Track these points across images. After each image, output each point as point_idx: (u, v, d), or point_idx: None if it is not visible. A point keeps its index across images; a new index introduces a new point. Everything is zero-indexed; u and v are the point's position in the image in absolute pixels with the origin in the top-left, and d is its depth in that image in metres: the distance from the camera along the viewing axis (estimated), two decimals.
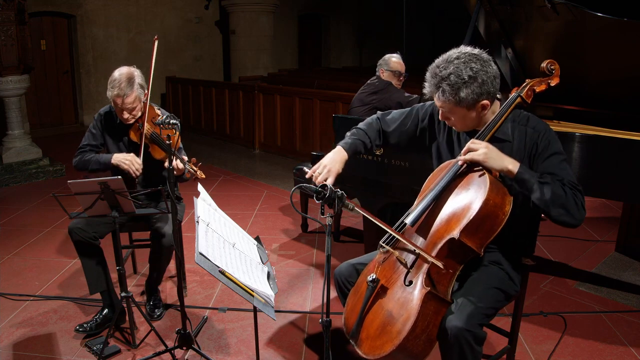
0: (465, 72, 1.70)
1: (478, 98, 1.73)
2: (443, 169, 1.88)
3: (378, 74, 4.17)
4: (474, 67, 1.70)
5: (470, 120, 1.81)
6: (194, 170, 2.59)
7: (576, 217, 1.68)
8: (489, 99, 1.75)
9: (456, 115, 1.80)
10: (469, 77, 1.70)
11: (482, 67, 1.71)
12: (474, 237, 1.68)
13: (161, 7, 9.93)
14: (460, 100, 1.72)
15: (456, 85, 1.70)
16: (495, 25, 3.05)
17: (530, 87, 1.86)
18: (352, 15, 13.22)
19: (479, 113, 1.78)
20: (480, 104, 1.75)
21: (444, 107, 1.79)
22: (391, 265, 1.80)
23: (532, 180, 1.68)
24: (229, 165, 6.56)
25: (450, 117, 1.82)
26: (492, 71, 1.73)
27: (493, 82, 1.73)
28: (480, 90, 1.71)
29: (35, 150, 6.14)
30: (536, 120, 1.84)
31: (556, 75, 1.89)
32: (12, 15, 5.54)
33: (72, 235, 2.60)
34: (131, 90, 2.62)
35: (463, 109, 1.76)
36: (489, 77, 1.72)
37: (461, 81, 1.70)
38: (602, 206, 4.70)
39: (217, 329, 2.76)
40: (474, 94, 1.71)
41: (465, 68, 1.70)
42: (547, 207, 1.67)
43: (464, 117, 1.79)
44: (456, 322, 1.62)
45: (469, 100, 1.72)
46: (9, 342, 2.66)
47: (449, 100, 1.74)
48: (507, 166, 1.70)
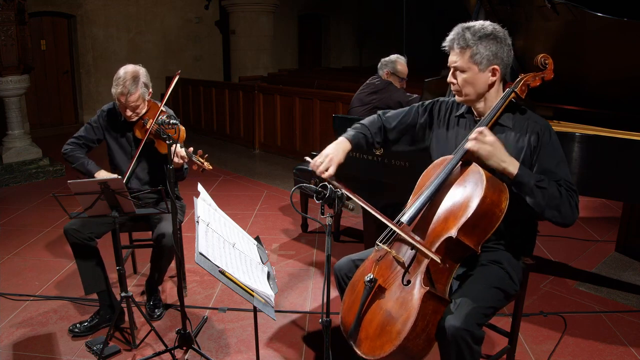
0: (488, 29, 1.78)
1: (493, 59, 1.77)
2: (438, 166, 1.87)
3: (380, 74, 4.16)
4: (497, 29, 1.80)
5: (477, 84, 1.81)
6: (201, 161, 2.57)
7: (569, 219, 1.73)
8: (500, 67, 1.79)
9: (466, 74, 1.81)
10: (490, 32, 1.78)
11: (504, 34, 1.80)
12: (472, 235, 1.68)
13: (161, 7, 9.93)
14: (476, 52, 1.77)
15: (478, 34, 1.77)
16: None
17: (524, 82, 1.86)
18: (352, 15, 13.22)
19: (487, 79, 1.80)
20: (492, 67, 1.79)
21: (459, 59, 1.81)
22: (388, 265, 1.80)
23: (530, 183, 1.70)
24: (229, 165, 6.56)
25: (459, 76, 1.82)
26: (509, 42, 1.81)
27: (509, 53, 1.80)
28: (497, 50, 1.77)
29: (35, 150, 6.14)
30: (536, 115, 1.86)
31: (550, 70, 1.88)
32: (12, 15, 5.54)
33: (68, 237, 2.60)
34: (135, 88, 2.62)
35: (475, 66, 1.79)
36: (507, 45, 1.80)
37: (483, 32, 1.77)
38: (602, 206, 4.70)
39: (217, 329, 2.76)
40: (490, 50, 1.77)
41: (489, 27, 1.79)
42: (541, 210, 1.71)
43: (472, 78, 1.80)
44: (454, 322, 1.62)
45: (484, 57, 1.77)
46: (9, 342, 2.66)
47: (468, 48, 1.78)
48: (507, 167, 1.71)
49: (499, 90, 1.86)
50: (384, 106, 4.09)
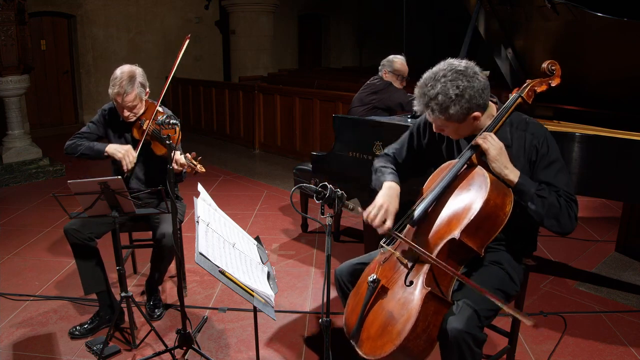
0: (452, 91, 1.72)
1: (467, 112, 1.76)
2: (444, 170, 1.88)
3: (380, 74, 4.16)
4: (460, 84, 1.72)
5: (464, 130, 1.84)
6: (194, 164, 2.57)
7: (567, 229, 1.76)
8: (479, 111, 1.78)
9: (449, 128, 1.84)
10: (456, 96, 1.72)
11: (469, 83, 1.72)
12: (475, 237, 1.68)
13: (161, 7, 9.93)
14: (450, 117, 1.76)
15: (444, 104, 1.73)
16: (495, 25, 3.05)
17: (530, 88, 1.87)
18: (352, 15, 13.22)
19: (472, 123, 1.81)
20: (472, 117, 1.78)
21: (436, 122, 1.83)
22: (392, 266, 1.80)
23: (530, 192, 1.73)
24: (229, 165, 6.56)
25: (444, 129, 1.86)
26: (479, 85, 1.74)
27: (482, 95, 1.75)
28: (468, 105, 1.74)
29: (35, 150, 6.14)
30: (535, 126, 1.85)
31: (557, 76, 1.90)
32: (12, 15, 5.54)
33: (68, 237, 2.60)
34: (132, 88, 2.62)
35: (454, 123, 1.79)
36: (477, 91, 1.74)
37: (449, 100, 1.72)
38: (602, 206, 4.70)
39: (217, 329, 2.76)
40: (462, 109, 1.74)
41: (452, 87, 1.72)
42: (540, 219, 1.74)
43: (457, 129, 1.83)
44: (456, 324, 1.62)
45: (458, 116, 1.76)
46: (9, 342, 2.66)
47: (439, 118, 1.78)
48: (508, 175, 1.74)
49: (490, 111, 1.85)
50: (383, 106, 4.09)
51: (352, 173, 3.05)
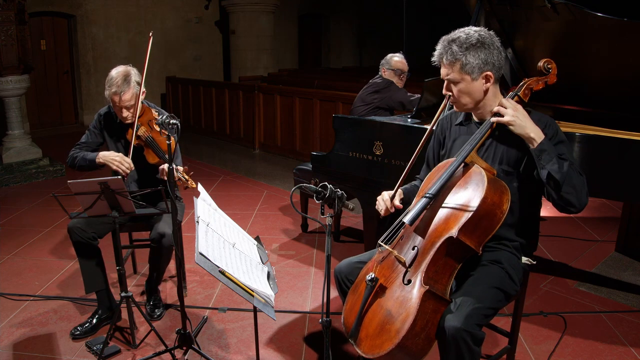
0: (474, 37, 1.77)
1: (483, 66, 1.77)
2: (441, 168, 1.88)
3: (380, 73, 4.17)
4: (483, 35, 1.78)
5: (472, 93, 1.82)
6: (185, 178, 2.56)
7: (581, 201, 1.74)
8: (492, 72, 1.79)
9: (460, 85, 1.81)
10: (477, 41, 1.76)
11: (491, 38, 1.79)
12: (472, 235, 1.69)
13: (161, 7, 9.93)
14: (466, 63, 1.76)
15: (465, 45, 1.76)
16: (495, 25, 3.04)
17: (527, 86, 1.87)
18: (352, 15, 13.22)
19: (482, 87, 1.80)
20: (484, 74, 1.78)
21: (450, 72, 1.81)
22: (390, 264, 1.80)
23: (552, 153, 1.72)
24: (229, 165, 6.56)
25: (454, 87, 1.83)
26: (498, 45, 1.80)
27: (499, 56, 1.79)
28: (486, 57, 1.76)
29: (35, 150, 6.14)
30: (539, 113, 1.86)
31: (553, 74, 1.90)
32: (12, 15, 5.54)
33: (72, 235, 2.60)
34: (128, 87, 2.62)
35: (468, 76, 1.78)
36: (496, 48, 1.79)
37: (469, 42, 1.76)
38: (602, 206, 4.70)
39: (217, 329, 2.76)
40: (479, 59, 1.76)
41: (475, 34, 1.78)
42: (562, 180, 1.70)
43: (467, 88, 1.81)
44: (454, 322, 1.62)
45: (474, 66, 1.76)
46: (9, 342, 2.66)
47: (457, 61, 1.78)
48: (530, 134, 1.73)
49: (496, 93, 1.86)
50: (385, 106, 4.09)
51: (352, 173, 3.05)
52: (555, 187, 1.72)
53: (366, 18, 13.18)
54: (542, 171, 1.73)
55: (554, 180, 1.71)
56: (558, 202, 1.75)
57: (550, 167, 1.71)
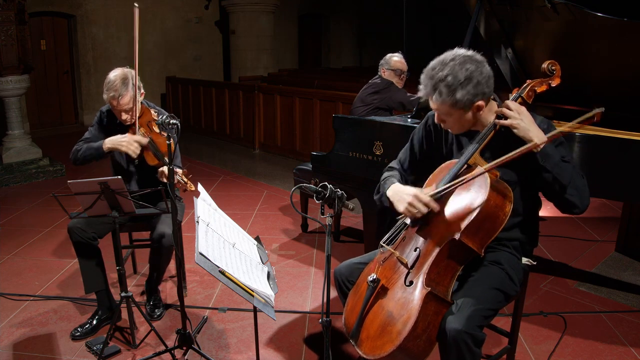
0: (461, 74, 1.71)
1: (473, 99, 1.75)
2: (444, 170, 1.88)
3: (380, 74, 4.17)
4: (469, 67, 1.72)
5: (466, 122, 1.82)
6: (184, 181, 2.56)
7: (584, 202, 1.76)
8: (483, 100, 1.77)
9: (452, 117, 1.81)
10: (464, 78, 1.71)
11: (477, 68, 1.73)
12: (475, 237, 1.69)
13: (161, 7, 9.93)
14: (456, 102, 1.74)
15: (453, 86, 1.72)
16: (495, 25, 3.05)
17: (531, 88, 1.87)
18: (352, 15, 13.22)
19: (475, 114, 1.80)
20: (476, 105, 1.77)
21: (440, 109, 1.81)
22: (392, 266, 1.80)
23: (556, 156, 1.73)
24: (229, 165, 6.56)
25: (446, 119, 1.83)
26: (486, 72, 1.75)
27: (487, 83, 1.75)
28: (475, 91, 1.73)
29: (35, 150, 6.14)
30: (538, 116, 1.86)
31: (557, 76, 1.90)
32: (12, 15, 5.54)
33: (72, 235, 2.60)
34: (126, 90, 2.62)
35: (459, 110, 1.77)
36: (484, 77, 1.74)
37: (457, 82, 1.71)
38: (602, 206, 4.70)
39: (217, 329, 2.76)
40: (469, 94, 1.73)
41: (461, 69, 1.72)
42: (567, 183, 1.71)
43: (459, 119, 1.81)
44: (455, 324, 1.62)
45: (464, 102, 1.74)
46: (9, 342, 2.66)
47: (446, 102, 1.76)
48: (533, 138, 1.72)
49: (491, 107, 1.84)
50: (385, 106, 4.09)
51: (352, 173, 3.05)
52: (560, 189, 1.73)
53: (366, 18, 13.18)
54: (546, 174, 1.74)
55: (559, 184, 1.72)
56: (562, 204, 1.77)
57: (556, 170, 1.72)
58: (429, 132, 2.05)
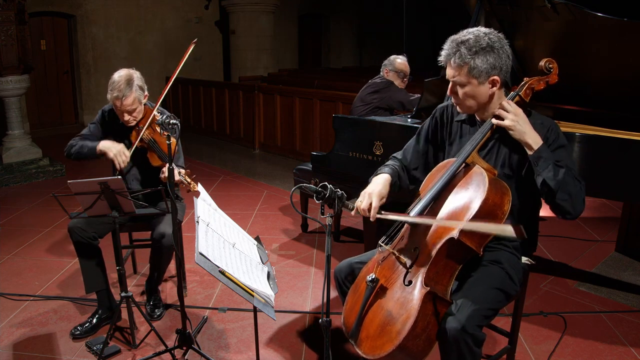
0: (483, 40, 1.75)
1: (491, 70, 1.75)
2: (442, 168, 1.88)
3: (382, 74, 4.17)
4: (493, 38, 1.76)
5: (478, 96, 1.80)
6: (187, 181, 2.56)
7: (576, 208, 1.74)
8: (500, 76, 1.77)
9: (466, 88, 1.79)
10: (486, 44, 1.74)
11: (500, 41, 1.77)
12: (474, 236, 1.68)
13: (161, 7, 9.92)
14: (473, 68, 1.74)
15: (474, 49, 1.74)
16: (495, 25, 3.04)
17: (528, 86, 1.87)
18: (352, 15, 13.22)
19: (488, 91, 1.79)
20: (491, 79, 1.77)
21: (457, 74, 1.79)
22: (390, 265, 1.80)
23: (549, 160, 1.72)
24: (229, 165, 6.56)
25: (459, 91, 1.81)
26: (507, 49, 1.78)
27: (507, 60, 1.77)
28: (494, 61, 1.75)
29: (35, 150, 6.14)
30: (541, 116, 1.86)
31: (554, 74, 1.89)
32: (12, 15, 5.54)
33: (72, 235, 2.60)
34: (130, 91, 2.62)
35: (475, 80, 1.77)
36: (504, 52, 1.77)
37: (479, 46, 1.74)
38: (602, 206, 4.70)
39: (217, 329, 2.76)
40: (488, 63, 1.74)
41: (485, 37, 1.75)
42: (556, 188, 1.71)
43: (473, 91, 1.79)
44: (455, 324, 1.62)
45: (482, 70, 1.75)
46: (9, 342, 2.66)
47: (465, 64, 1.75)
48: (528, 140, 1.74)
49: (501, 96, 1.85)
50: (385, 106, 4.09)
51: (352, 173, 3.05)
52: (549, 194, 1.73)
53: (366, 18, 13.17)
54: (537, 177, 1.74)
55: (548, 188, 1.72)
56: (553, 209, 1.77)
57: (546, 174, 1.71)
58: (436, 122, 2.07)
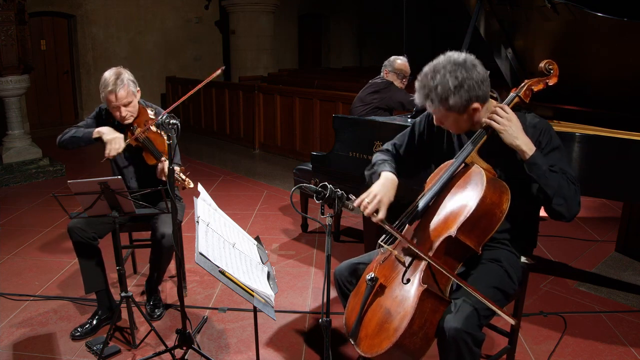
0: (451, 82, 1.73)
1: (467, 103, 1.77)
2: (442, 169, 1.90)
3: (382, 75, 4.17)
4: (459, 75, 1.73)
5: (463, 123, 1.84)
6: (182, 178, 2.57)
7: (572, 211, 1.76)
8: (478, 102, 1.78)
9: (449, 120, 1.84)
10: (454, 87, 1.73)
11: (468, 74, 1.74)
12: (471, 234, 1.69)
13: (161, 7, 9.92)
14: (450, 107, 1.77)
15: (444, 95, 1.75)
16: (495, 25, 3.04)
17: (528, 87, 1.88)
18: (352, 15, 13.22)
19: (471, 115, 1.81)
20: (471, 108, 1.78)
21: (436, 113, 1.84)
22: (390, 264, 1.81)
23: (544, 166, 1.73)
24: (229, 165, 6.56)
25: (444, 121, 1.86)
26: (478, 76, 1.75)
27: (481, 87, 1.76)
28: (468, 95, 1.75)
29: (35, 150, 6.14)
30: (535, 118, 1.86)
31: (554, 75, 1.90)
32: (12, 15, 5.54)
33: (72, 235, 2.60)
34: (122, 84, 2.64)
35: (454, 113, 1.79)
36: (476, 82, 1.75)
37: (448, 90, 1.74)
38: (602, 206, 4.70)
39: (217, 329, 2.76)
40: (462, 99, 1.75)
41: (451, 78, 1.73)
42: (552, 194, 1.72)
43: (456, 121, 1.83)
44: (454, 324, 1.62)
45: (458, 107, 1.76)
46: (9, 342, 2.66)
47: (440, 109, 1.79)
48: (520, 146, 1.74)
49: (489, 107, 1.85)
50: (385, 106, 4.09)
51: (352, 173, 3.05)
52: (545, 199, 1.75)
53: (366, 18, 13.17)
54: (533, 185, 1.76)
55: (544, 194, 1.74)
56: (549, 213, 1.79)
57: (542, 181, 1.73)
58: (431, 123, 2.06)
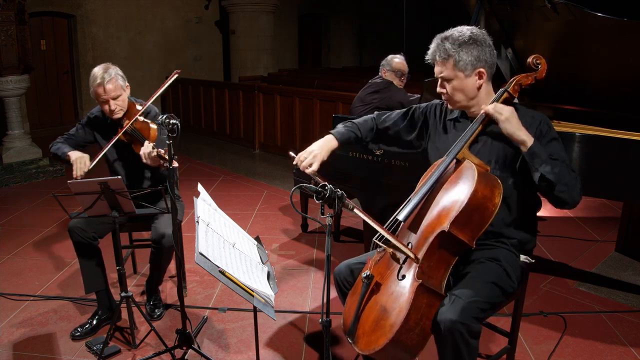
0: (466, 34, 1.81)
1: (476, 63, 1.80)
2: (434, 166, 1.91)
3: (380, 74, 4.17)
4: (476, 32, 1.82)
5: (466, 89, 1.84)
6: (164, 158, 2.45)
7: (575, 198, 1.77)
8: (485, 69, 1.82)
9: (454, 82, 1.84)
10: (469, 38, 1.80)
11: (482, 36, 1.82)
12: (464, 229, 1.70)
13: (161, 7, 9.92)
14: (459, 60, 1.80)
15: (457, 42, 1.80)
16: (495, 25, 3.04)
17: (516, 83, 1.90)
18: (352, 15, 13.22)
19: (475, 83, 1.83)
20: (477, 71, 1.81)
21: (444, 69, 1.85)
22: (386, 262, 1.82)
23: (544, 155, 1.74)
24: (229, 165, 6.56)
25: (448, 85, 1.86)
26: (490, 43, 1.83)
27: (491, 53, 1.83)
28: (479, 54, 1.80)
29: (35, 150, 6.14)
30: (531, 110, 1.88)
31: (542, 70, 1.91)
32: (12, 15, 5.54)
33: (72, 235, 2.60)
34: (110, 76, 2.65)
35: (461, 73, 1.81)
36: (488, 45, 1.82)
37: (462, 39, 1.80)
38: (602, 206, 4.70)
39: (217, 329, 2.76)
40: (472, 56, 1.79)
41: (467, 32, 1.82)
42: (556, 180, 1.72)
43: (460, 85, 1.84)
44: (449, 315, 1.62)
45: (467, 62, 1.79)
46: (9, 342, 2.66)
47: (450, 57, 1.81)
48: (522, 136, 1.75)
49: (489, 91, 1.89)
50: (384, 106, 4.09)
51: (352, 173, 3.05)
52: (549, 187, 1.75)
53: (366, 18, 13.17)
54: (534, 174, 1.76)
55: (548, 182, 1.74)
56: (553, 201, 1.79)
57: (543, 169, 1.73)
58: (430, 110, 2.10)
